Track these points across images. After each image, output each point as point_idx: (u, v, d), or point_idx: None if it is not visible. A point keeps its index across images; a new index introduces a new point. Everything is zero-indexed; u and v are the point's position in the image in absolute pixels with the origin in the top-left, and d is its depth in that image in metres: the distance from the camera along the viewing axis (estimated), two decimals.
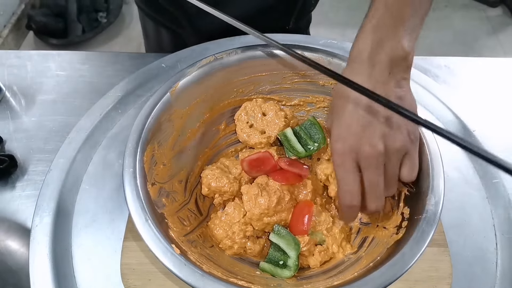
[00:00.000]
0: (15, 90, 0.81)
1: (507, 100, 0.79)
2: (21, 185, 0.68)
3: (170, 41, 0.93)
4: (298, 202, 0.56)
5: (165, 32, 0.91)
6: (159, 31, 0.92)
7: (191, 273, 0.42)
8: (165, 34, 0.91)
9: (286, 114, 0.63)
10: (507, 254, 0.58)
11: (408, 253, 0.43)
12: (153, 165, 0.53)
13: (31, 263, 0.56)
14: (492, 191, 0.64)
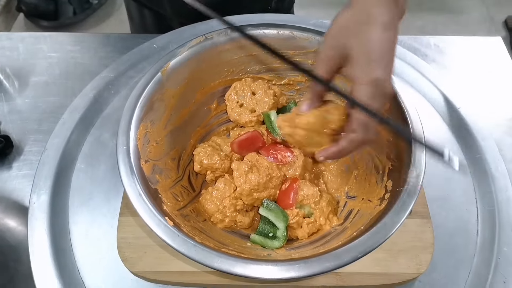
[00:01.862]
0: (8, 72, 0.81)
1: (493, 78, 0.81)
2: (17, 165, 0.70)
3: (154, 23, 0.93)
4: (286, 178, 0.58)
5: (148, 13, 0.91)
6: (142, 13, 0.93)
7: (183, 243, 0.44)
8: (148, 15, 0.92)
9: (275, 92, 0.64)
10: (488, 226, 0.61)
11: (389, 222, 0.45)
12: (146, 143, 0.55)
13: (30, 239, 0.58)
14: (475, 166, 0.67)
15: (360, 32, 0.41)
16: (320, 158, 0.47)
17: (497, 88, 0.79)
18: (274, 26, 0.62)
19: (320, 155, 0.47)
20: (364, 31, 0.41)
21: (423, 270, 0.53)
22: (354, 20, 0.42)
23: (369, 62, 0.41)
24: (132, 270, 0.53)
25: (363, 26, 0.41)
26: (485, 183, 0.65)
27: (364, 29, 0.41)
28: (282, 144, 0.61)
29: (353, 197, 0.59)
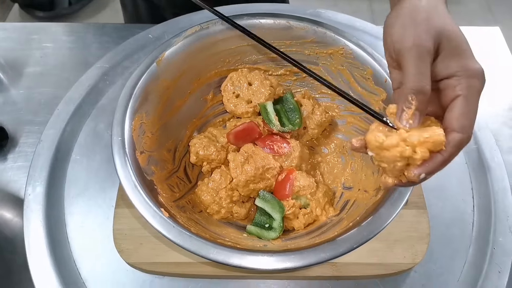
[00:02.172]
0: (2, 63, 0.80)
1: (491, 68, 0.81)
2: (12, 157, 0.69)
3: (147, 12, 0.92)
4: (282, 169, 0.58)
5: (141, 2, 0.90)
6: (135, 2, 0.92)
7: (179, 234, 0.44)
8: (142, 4, 0.91)
9: (272, 82, 0.64)
10: (484, 216, 0.61)
11: (385, 213, 0.45)
12: (141, 134, 0.54)
13: (26, 230, 0.58)
14: (471, 156, 0.67)
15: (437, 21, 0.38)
16: (416, 175, 0.37)
17: (495, 79, 0.79)
18: (270, 16, 0.61)
19: (417, 171, 0.37)
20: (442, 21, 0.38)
21: (419, 260, 0.53)
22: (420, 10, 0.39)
23: (462, 52, 0.37)
24: (128, 261, 0.53)
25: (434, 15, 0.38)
26: (481, 173, 0.65)
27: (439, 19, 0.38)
28: (278, 135, 0.61)
29: (350, 188, 0.59)
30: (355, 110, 0.63)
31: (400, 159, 0.37)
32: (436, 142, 0.36)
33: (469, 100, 0.36)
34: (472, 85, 0.37)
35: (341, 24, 0.81)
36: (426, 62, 0.37)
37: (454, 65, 0.37)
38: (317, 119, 0.63)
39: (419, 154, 0.36)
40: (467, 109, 0.36)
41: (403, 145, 0.36)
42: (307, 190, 0.56)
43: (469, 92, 0.36)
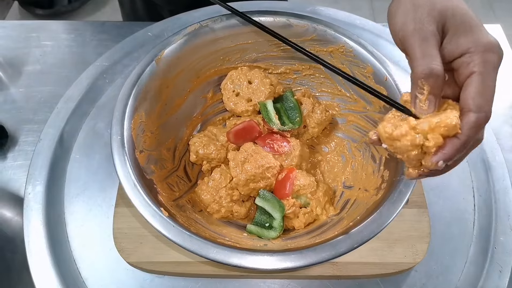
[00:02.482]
0: (1, 61, 0.80)
1: None
2: (12, 156, 0.69)
3: (144, 10, 0.92)
4: (282, 168, 0.58)
5: (139, 0, 0.90)
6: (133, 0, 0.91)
7: (179, 234, 0.44)
8: (139, 2, 0.90)
9: (272, 81, 0.63)
10: (485, 215, 0.61)
11: (385, 212, 0.45)
12: (140, 133, 0.54)
13: (26, 229, 0.58)
14: (472, 155, 0.66)
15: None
16: (434, 163, 0.35)
17: None
18: (270, 13, 0.60)
19: (434, 159, 0.35)
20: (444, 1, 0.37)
21: (420, 259, 0.53)
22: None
23: (471, 28, 0.35)
24: (128, 260, 0.53)
25: None
26: (482, 172, 0.65)
27: None
28: (278, 134, 0.60)
29: (350, 187, 0.59)
30: (355, 108, 0.62)
31: (412, 148, 0.35)
32: (448, 126, 0.34)
33: (484, 76, 0.34)
34: (487, 59, 0.34)
35: (341, 21, 0.80)
36: (431, 44, 0.35)
37: (464, 42, 0.35)
38: (317, 117, 0.63)
39: (431, 141, 0.35)
40: (482, 86, 0.34)
41: (412, 134, 0.35)
42: (307, 189, 0.55)
43: (483, 68, 0.34)
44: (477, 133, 0.35)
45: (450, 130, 0.34)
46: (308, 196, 0.56)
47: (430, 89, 0.35)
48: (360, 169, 0.59)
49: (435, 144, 0.35)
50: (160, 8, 0.88)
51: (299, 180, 0.56)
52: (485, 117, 0.34)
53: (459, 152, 0.35)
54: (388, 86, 0.54)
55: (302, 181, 0.56)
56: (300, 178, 0.56)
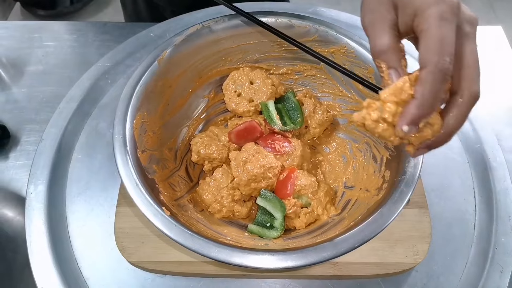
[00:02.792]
0: (4, 61, 0.80)
1: (493, 68, 0.81)
2: (14, 155, 0.69)
3: (146, 11, 0.92)
4: (283, 168, 0.58)
5: (141, 2, 0.90)
6: (135, 1, 0.92)
7: (180, 233, 0.44)
8: (141, 3, 0.91)
9: (273, 81, 0.64)
10: (485, 216, 0.61)
11: (386, 212, 0.45)
12: (143, 133, 0.54)
13: (27, 229, 0.58)
14: (473, 156, 0.66)
15: None
16: (400, 130, 0.35)
17: (497, 78, 0.79)
18: (272, 14, 0.61)
19: (398, 126, 0.35)
20: None
21: (420, 259, 0.53)
22: None
23: None
24: (130, 260, 0.54)
25: None
26: (483, 173, 0.65)
27: None
28: (280, 134, 0.61)
29: (351, 187, 0.59)
30: (357, 109, 0.62)
31: (374, 124, 0.37)
32: (395, 90, 0.35)
33: (429, 31, 0.34)
34: (431, 14, 0.34)
35: (342, 22, 0.80)
36: (379, 26, 0.38)
37: (411, 8, 0.36)
38: (319, 118, 0.63)
39: (386, 112, 0.35)
40: (426, 41, 0.34)
41: (368, 111, 0.37)
42: (309, 189, 0.56)
43: (430, 22, 0.34)
44: (429, 89, 0.34)
45: (399, 94, 0.35)
46: (309, 196, 0.56)
47: (386, 64, 0.37)
48: (361, 169, 0.59)
49: (391, 112, 0.35)
50: (163, 9, 0.88)
51: (300, 180, 0.56)
52: (433, 70, 0.33)
53: (420, 111, 0.34)
54: None
55: (303, 181, 0.56)
56: (301, 178, 0.56)
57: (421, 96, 0.34)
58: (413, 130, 0.35)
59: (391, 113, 0.35)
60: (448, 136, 0.38)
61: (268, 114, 0.60)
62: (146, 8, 0.91)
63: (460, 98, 0.36)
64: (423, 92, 0.34)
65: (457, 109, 0.36)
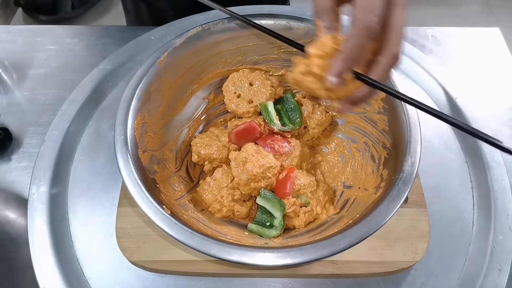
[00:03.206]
0: (7, 65, 0.81)
1: (491, 69, 0.81)
2: (16, 157, 0.70)
3: (149, 15, 0.93)
4: (283, 168, 0.58)
5: (143, 5, 0.91)
6: (137, 5, 0.93)
7: (181, 231, 0.45)
8: (144, 7, 0.92)
9: (273, 83, 0.64)
10: (484, 215, 0.61)
11: (384, 209, 0.46)
12: (143, 134, 0.55)
13: (30, 230, 0.59)
14: (471, 155, 0.67)
15: None
16: (328, 80, 0.39)
17: (495, 79, 0.80)
18: (271, 17, 0.62)
19: (327, 76, 0.39)
20: None
21: (419, 258, 0.54)
22: None
23: None
24: (131, 259, 0.54)
25: None
26: (481, 172, 0.65)
27: None
28: (279, 135, 0.61)
29: (350, 186, 0.59)
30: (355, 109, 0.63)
31: (303, 78, 0.41)
32: (320, 45, 0.39)
33: None
34: None
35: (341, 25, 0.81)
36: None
37: None
38: (318, 118, 0.64)
39: (313, 63, 0.40)
40: (359, 1, 0.37)
41: (297, 67, 0.41)
42: (308, 189, 0.56)
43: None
44: (358, 42, 0.37)
45: (322, 47, 0.39)
46: (308, 195, 0.56)
47: (323, 23, 0.41)
48: (360, 169, 0.60)
49: (316, 64, 0.40)
50: (165, 13, 0.89)
51: (299, 179, 0.56)
52: (361, 25, 0.37)
53: (345, 64, 0.38)
54: None
55: (303, 181, 0.56)
56: (300, 177, 0.57)
57: (346, 49, 0.38)
58: (339, 81, 0.39)
59: (317, 65, 0.40)
60: (369, 93, 0.42)
61: (268, 115, 0.61)
62: (148, 12, 0.92)
63: (381, 57, 0.39)
64: (349, 46, 0.38)
65: (378, 67, 0.40)
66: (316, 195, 0.57)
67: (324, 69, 0.40)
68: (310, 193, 0.56)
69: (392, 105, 0.55)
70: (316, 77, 0.41)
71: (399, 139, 0.53)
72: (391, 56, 0.39)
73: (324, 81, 0.40)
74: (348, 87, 0.41)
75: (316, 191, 0.57)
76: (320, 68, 0.40)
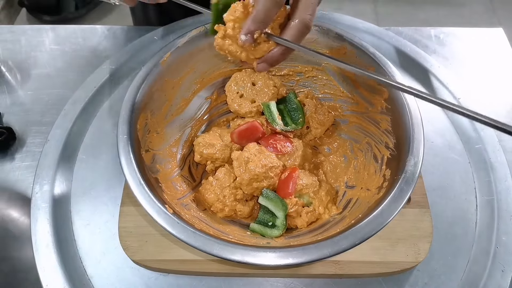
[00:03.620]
0: (10, 65, 0.82)
1: (494, 69, 0.81)
2: (20, 157, 0.70)
3: (156, 17, 0.93)
4: (285, 168, 0.58)
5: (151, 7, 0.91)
6: (145, 7, 0.93)
7: (183, 230, 0.45)
8: (152, 9, 0.92)
9: (275, 83, 0.64)
10: (487, 215, 0.61)
11: (387, 209, 0.46)
12: (146, 133, 0.55)
13: (33, 228, 0.59)
14: (474, 156, 0.67)
15: None
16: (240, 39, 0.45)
17: (498, 80, 0.79)
18: None
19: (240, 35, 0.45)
20: None
21: (422, 258, 0.53)
22: None
23: None
24: (133, 258, 0.54)
25: None
26: (484, 173, 0.65)
27: None
28: (281, 135, 0.61)
29: (352, 186, 0.59)
30: (357, 110, 0.63)
31: (223, 42, 0.47)
32: (232, 10, 0.45)
33: None
34: None
35: (343, 25, 0.81)
36: None
37: None
38: (320, 118, 0.64)
39: (228, 27, 0.46)
40: None
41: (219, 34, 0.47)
42: (310, 189, 0.56)
43: None
44: (265, 6, 0.42)
45: (234, 13, 0.45)
46: (310, 195, 0.56)
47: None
48: (362, 169, 0.60)
49: (232, 28, 0.46)
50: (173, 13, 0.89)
51: (302, 179, 0.56)
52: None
53: (254, 24, 0.43)
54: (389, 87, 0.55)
55: (305, 181, 0.56)
56: (303, 177, 0.57)
57: (255, 12, 0.43)
58: (250, 39, 0.45)
59: (231, 28, 0.46)
60: (282, 52, 0.47)
61: (270, 115, 0.61)
62: (156, 14, 0.92)
63: (292, 22, 0.45)
64: (257, 8, 0.43)
65: (289, 30, 0.45)
66: (318, 195, 0.56)
67: (238, 31, 0.46)
68: (312, 193, 0.56)
69: (395, 105, 0.55)
70: (232, 39, 0.47)
71: (402, 139, 0.53)
72: (301, 22, 0.45)
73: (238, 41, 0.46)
74: (263, 48, 0.47)
75: (319, 191, 0.57)
76: (234, 30, 0.46)
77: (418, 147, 0.50)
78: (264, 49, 0.47)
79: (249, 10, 0.45)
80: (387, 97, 0.56)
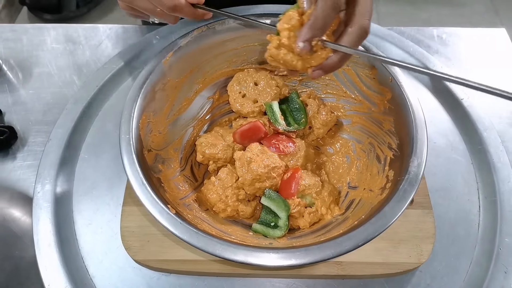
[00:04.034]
0: (12, 64, 0.82)
1: (496, 70, 0.81)
2: (21, 156, 0.70)
3: None
4: (287, 168, 0.58)
5: None
6: None
7: (186, 231, 0.45)
8: None
9: (278, 83, 0.64)
10: (489, 216, 0.61)
11: (389, 211, 0.45)
12: (148, 133, 0.55)
13: (35, 228, 0.59)
14: (477, 157, 0.66)
15: None
16: (296, 47, 0.44)
17: (500, 80, 0.79)
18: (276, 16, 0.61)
19: (296, 43, 0.44)
20: None
21: (424, 260, 0.53)
22: None
23: None
24: (135, 258, 0.54)
25: None
26: (487, 173, 0.65)
27: None
28: (284, 135, 0.61)
29: (355, 187, 0.59)
30: (360, 110, 0.63)
31: (277, 52, 0.45)
32: (287, 18, 0.44)
33: None
34: None
35: None
36: None
37: None
38: (323, 119, 0.63)
39: (283, 36, 0.44)
40: None
41: (273, 44, 0.45)
42: (313, 189, 0.56)
43: None
44: (323, 12, 0.41)
45: (289, 21, 0.44)
46: (313, 196, 0.56)
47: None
48: (365, 169, 0.59)
49: (286, 36, 0.44)
50: None
51: (304, 180, 0.56)
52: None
53: (311, 31, 0.42)
54: (393, 87, 0.55)
55: (307, 181, 0.56)
56: (305, 178, 0.57)
57: (313, 18, 0.42)
58: (307, 47, 0.43)
59: (286, 37, 0.44)
60: (339, 59, 0.45)
61: (273, 115, 0.61)
62: None
63: (350, 28, 0.44)
64: (315, 14, 0.42)
65: (347, 36, 0.44)
66: (321, 195, 0.56)
67: (293, 39, 0.44)
68: (315, 194, 0.56)
69: (398, 106, 0.55)
70: (287, 48, 0.45)
71: (405, 140, 0.52)
72: (360, 28, 0.44)
73: (294, 50, 0.44)
74: (321, 55, 0.45)
75: (321, 191, 0.57)
76: (289, 39, 0.44)
77: (421, 148, 0.50)
78: (322, 56, 0.45)
79: (304, 18, 0.44)
80: (390, 97, 0.56)
